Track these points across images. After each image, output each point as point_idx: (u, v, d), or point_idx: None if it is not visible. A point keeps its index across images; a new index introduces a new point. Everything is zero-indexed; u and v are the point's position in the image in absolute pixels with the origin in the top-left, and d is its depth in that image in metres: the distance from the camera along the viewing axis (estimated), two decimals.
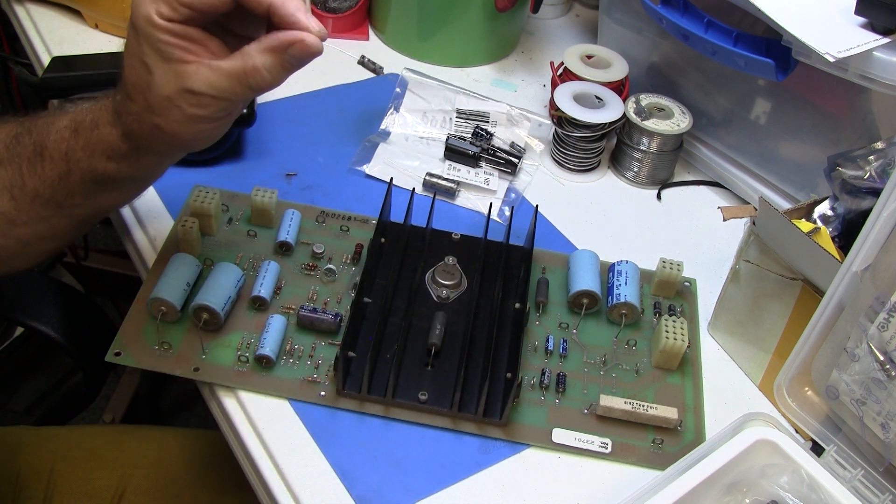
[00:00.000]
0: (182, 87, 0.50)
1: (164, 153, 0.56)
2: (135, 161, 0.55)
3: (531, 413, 0.60)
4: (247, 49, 0.50)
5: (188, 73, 0.50)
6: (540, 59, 0.97)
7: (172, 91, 0.50)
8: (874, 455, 0.53)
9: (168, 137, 0.52)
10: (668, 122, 0.78)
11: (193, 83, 0.50)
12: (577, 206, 0.79)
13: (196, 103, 0.50)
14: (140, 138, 0.53)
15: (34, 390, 1.09)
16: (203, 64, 0.50)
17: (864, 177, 0.60)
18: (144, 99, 0.51)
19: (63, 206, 0.56)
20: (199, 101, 0.50)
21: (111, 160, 0.54)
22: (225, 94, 0.50)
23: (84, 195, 0.56)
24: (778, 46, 0.66)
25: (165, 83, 0.50)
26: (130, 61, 0.51)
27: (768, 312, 0.62)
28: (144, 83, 0.50)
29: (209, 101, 0.50)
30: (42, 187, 0.55)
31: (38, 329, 0.83)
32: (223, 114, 0.52)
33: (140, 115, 0.51)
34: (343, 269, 0.67)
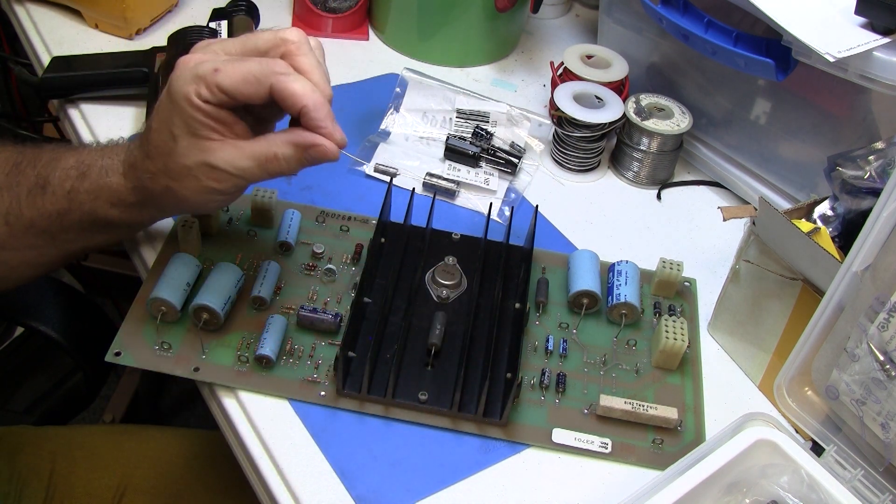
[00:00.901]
0: (203, 161, 0.52)
1: (169, 211, 0.59)
2: (138, 212, 0.57)
3: (531, 413, 0.60)
4: (272, 137, 0.53)
5: (212, 149, 0.52)
6: (540, 59, 0.97)
7: (193, 162, 0.52)
8: (874, 455, 0.53)
9: (178, 201, 0.55)
10: (668, 122, 0.78)
11: (216, 159, 0.52)
12: (577, 206, 0.79)
13: (214, 177, 0.53)
14: (150, 195, 0.55)
15: (34, 390, 1.09)
16: (227, 143, 0.52)
17: (864, 177, 0.60)
18: (164, 163, 0.53)
19: (56, 239, 0.58)
20: (217, 175, 0.53)
21: (115, 207, 0.57)
22: (243, 173, 0.53)
23: (79, 232, 0.58)
24: (778, 46, 0.66)
25: (188, 154, 0.52)
26: (159, 126, 0.53)
27: (768, 312, 0.62)
28: (168, 149, 0.53)
29: (226, 178, 0.53)
30: (39, 219, 0.57)
31: (38, 329, 0.83)
32: (235, 190, 0.55)
33: (156, 175, 0.54)
34: (343, 269, 0.67)
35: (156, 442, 0.84)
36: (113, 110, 0.79)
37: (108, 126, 0.78)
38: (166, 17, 0.92)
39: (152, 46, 0.81)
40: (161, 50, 0.79)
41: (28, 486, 0.78)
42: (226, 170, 0.52)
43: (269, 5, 0.95)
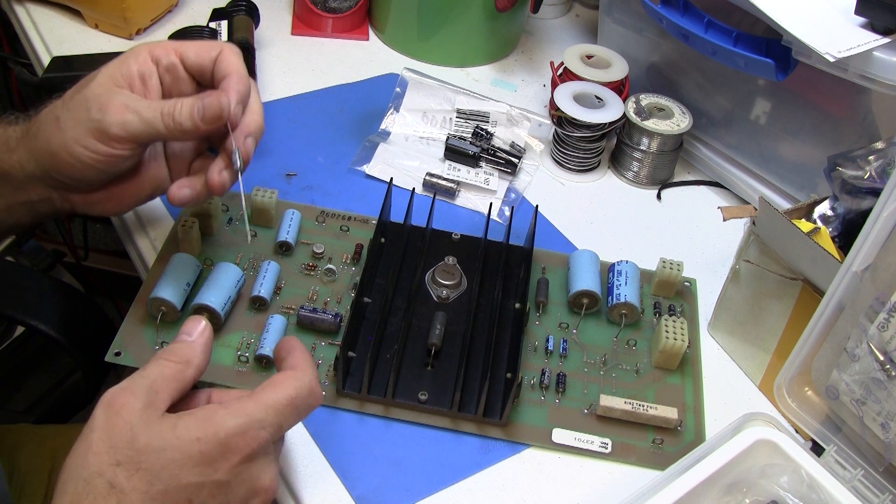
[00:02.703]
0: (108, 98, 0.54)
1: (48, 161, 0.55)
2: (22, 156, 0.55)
3: (531, 413, 0.60)
4: None
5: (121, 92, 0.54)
6: (540, 59, 0.97)
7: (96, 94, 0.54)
8: (874, 455, 0.53)
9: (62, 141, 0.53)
10: (668, 122, 0.78)
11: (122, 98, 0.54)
12: (577, 206, 0.79)
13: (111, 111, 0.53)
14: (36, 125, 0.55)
15: (34, 390, 1.08)
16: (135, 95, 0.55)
17: (864, 177, 0.60)
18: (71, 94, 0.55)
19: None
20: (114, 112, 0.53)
21: None
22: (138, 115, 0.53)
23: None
24: (778, 46, 0.66)
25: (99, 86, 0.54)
26: None
27: (768, 312, 0.62)
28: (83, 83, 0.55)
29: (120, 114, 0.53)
30: None
31: (38, 329, 0.83)
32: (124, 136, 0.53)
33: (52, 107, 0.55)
34: (343, 269, 0.67)
35: None
36: None
37: None
38: (166, 17, 0.92)
39: None
40: None
41: (28, 485, 0.78)
42: (129, 105, 0.53)
43: (269, 5, 0.95)
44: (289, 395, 0.46)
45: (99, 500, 0.41)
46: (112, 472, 0.42)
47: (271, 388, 0.46)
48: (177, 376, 0.46)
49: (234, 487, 0.44)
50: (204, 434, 0.43)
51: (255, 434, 0.44)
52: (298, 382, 0.47)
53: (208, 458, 0.43)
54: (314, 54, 0.92)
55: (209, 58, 0.56)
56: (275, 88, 0.86)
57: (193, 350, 0.47)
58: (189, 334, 0.48)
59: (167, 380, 0.46)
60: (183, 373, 0.46)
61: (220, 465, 0.43)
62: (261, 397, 0.46)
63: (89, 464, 0.42)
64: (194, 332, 0.48)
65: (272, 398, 0.46)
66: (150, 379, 0.45)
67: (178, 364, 0.46)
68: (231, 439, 0.44)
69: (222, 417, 0.44)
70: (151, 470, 0.42)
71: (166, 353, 0.47)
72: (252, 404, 0.45)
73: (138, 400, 0.44)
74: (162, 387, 0.45)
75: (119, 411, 0.43)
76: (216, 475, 0.43)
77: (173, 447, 0.43)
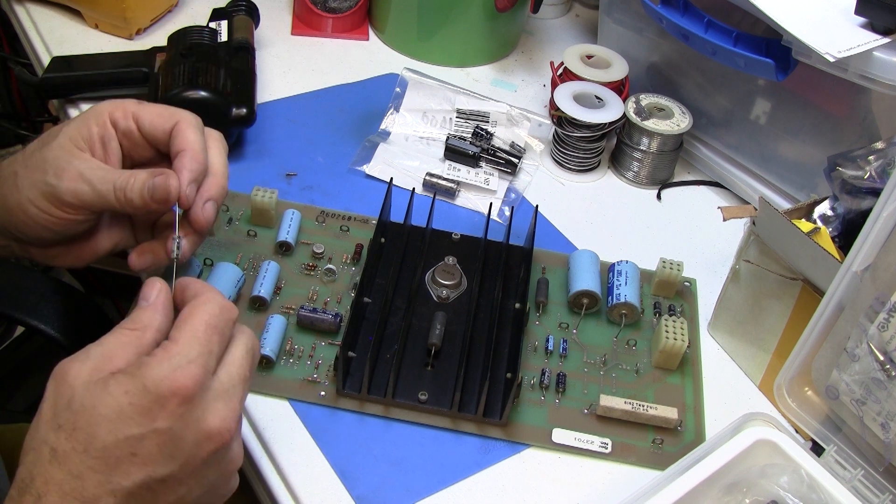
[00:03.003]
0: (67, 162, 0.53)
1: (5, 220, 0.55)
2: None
3: (531, 413, 0.60)
4: None
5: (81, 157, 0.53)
6: (540, 59, 0.97)
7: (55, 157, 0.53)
8: (874, 455, 0.53)
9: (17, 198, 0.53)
10: (668, 122, 0.78)
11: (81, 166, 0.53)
12: (577, 206, 0.79)
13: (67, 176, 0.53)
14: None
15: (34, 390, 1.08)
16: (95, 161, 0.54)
17: (864, 177, 0.60)
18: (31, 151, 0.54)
19: None
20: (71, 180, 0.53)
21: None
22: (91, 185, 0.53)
23: None
24: (778, 46, 0.66)
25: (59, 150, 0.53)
26: None
27: (768, 312, 0.62)
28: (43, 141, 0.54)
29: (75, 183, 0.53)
30: None
31: (38, 328, 0.83)
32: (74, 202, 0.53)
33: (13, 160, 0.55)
34: (343, 269, 0.67)
35: None
36: None
37: None
38: (166, 17, 0.92)
39: (152, 46, 0.81)
40: (161, 50, 0.79)
41: None
42: (84, 175, 0.52)
43: (269, 5, 0.95)
44: (203, 319, 0.45)
45: (44, 465, 0.42)
46: (54, 437, 0.42)
47: (183, 322, 0.45)
48: (134, 342, 0.45)
49: (180, 433, 0.43)
50: (132, 386, 0.42)
51: (185, 371, 0.43)
52: (205, 305, 0.46)
53: (141, 409, 0.42)
54: (314, 54, 0.92)
55: (163, 129, 0.55)
56: (275, 88, 0.86)
57: (150, 314, 0.46)
58: (146, 299, 0.47)
59: (123, 346, 0.44)
60: (141, 338, 0.45)
61: (157, 412, 0.42)
62: (178, 335, 0.44)
63: (37, 432, 0.43)
64: (150, 295, 0.47)
65: (188, 331, 0.45)
66: (103, 346, 0.44)
67: (135, 330, 0.45)
68: (160, 384, 0.42)
69: (147, 365, 0.43)
70: (86, 429, 0.41)
71: (124, 322, 0.46)
72: (172, 345, 0.44)
73: (85, 366, 0.43)
74: (116, 353, 0.44)
75: (65, 378, 0.43)
76: (156, 424, 0.42)
77: (104, 404, 0.42)
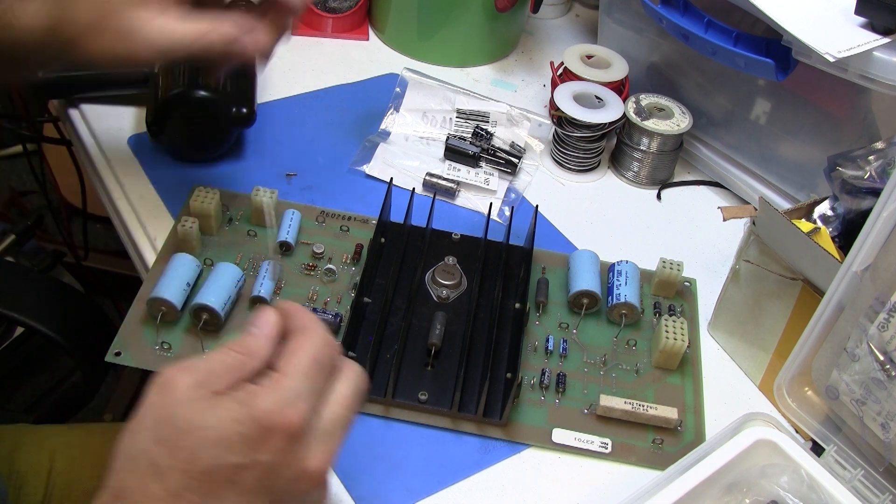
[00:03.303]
0: None
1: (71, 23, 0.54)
2: None
3: (531, 413, 0.60)
4: None
5: None
6: (540, 59, 0.97)
7: None
8: (874, 455, 0.53)
9: None
10: (668, 122, 0.78)
11: None
12: (577, 206, 0.79)
13: None
14: None
15: (34, 390, 1.09)
16: None
17: (864, 177, 0.60)
18: None
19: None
20: None
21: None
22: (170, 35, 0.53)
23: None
24: (778, 46, 0.66)
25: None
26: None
27: (768, 312, 0.62)
28: None
29: None
30: None
31: (38, 329, 0.83)
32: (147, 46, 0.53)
33: None
34: (343, 269, 0.67)
35: None
36: (113, 110, 0.79)
37: (108, 126, 0.78)
38: None
39: None
40: None
41: (27, 484, 0.78)
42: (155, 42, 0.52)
43: None
44: (309, 353, 0.45)
45: (142, 478, 0.41)
46: (155, 449, 0.41)
47: (292, 355, 0.45)
48: (238, 367, 0.45)
49: (279, 468, 0.43)
50: (241, 415, 0.42)
51: (293, 407, 0.43)
52: (311, 339, 0.46)
53: (247, 438, 0.42)
54: (314, 54, 0.92)
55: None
56: (275, 88, 0.86)
57: (258, 343, 0.46)
58: (258, 327, 0.47)
59: (227, 368, 0.44)
60: (245, 364, 0.45)
61: (261, 445, 0.42)
62: (287, 368, 0.44)
63: (136, 440, 0.42)
64: (263, 325, 0.47)
65: (297, 365, 0.44)
66: (208, 363, 0.44)
67: (241, 355, 0.45)
68: (268, 417, 0.42)
69: (258, 396, 0.43)
70: (191, 449, 0.41)
71: (233, 344, 0.46)
72: (282, 378, 0.44)
73: (191, 377, 0.43)
74: (220, 373, 0.44)
75: (169, 387, 0.42)
76: (258, 456, 0.42)
77: (212, 427, 0.41)
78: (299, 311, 0.48)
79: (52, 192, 1.50)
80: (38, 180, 1.38)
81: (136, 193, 0.72)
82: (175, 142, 0.73)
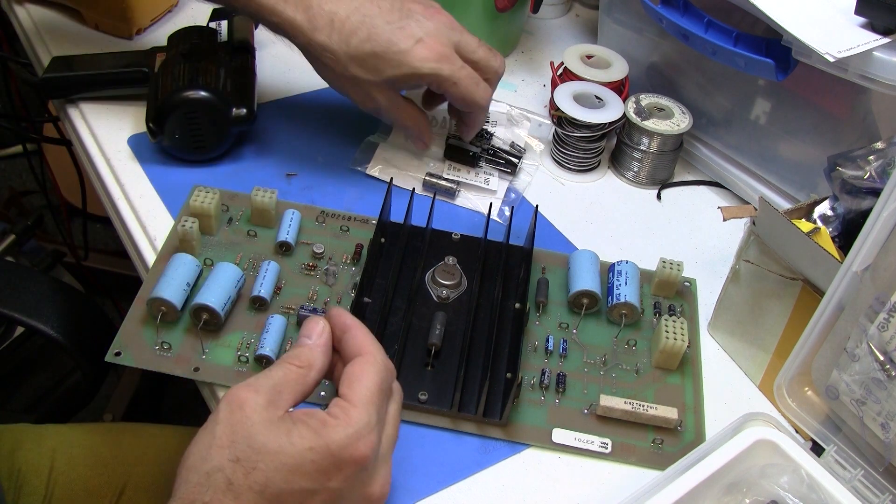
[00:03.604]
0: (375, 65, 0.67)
1: None
2: None
3: (531, 413, 0.60)
4: None
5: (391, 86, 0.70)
6: (540, 59, 0.97)
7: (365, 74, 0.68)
8: (874, 455, 0.53)
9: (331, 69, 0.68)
10: (668, 122, 0.78)
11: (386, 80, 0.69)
12: (577, 206, 0.79)
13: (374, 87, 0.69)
14: None
15: (34, 390, 1.09)
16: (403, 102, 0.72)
17: (864, 177, 0.60)
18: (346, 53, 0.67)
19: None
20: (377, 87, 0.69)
21: None
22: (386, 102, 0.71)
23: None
24: (778, 46, 0.66)
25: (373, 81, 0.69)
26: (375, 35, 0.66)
27: (768, 312, 0.62)
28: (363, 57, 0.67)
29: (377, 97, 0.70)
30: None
31: (38, 329, 0.83)
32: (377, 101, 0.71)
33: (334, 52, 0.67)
34: (343, 269, 0.67)
35: (155, 439, 0.84)
36: (113, 110, 0.79)
37: (108, 126, 0.78)
38: (166, 17, 0.92)
39: (152, 46, 0.81)
40: (161, 50, 0.79)
41: (27, 483, 0.78)
42: None
43: None
44: (375, 382, 0.47)
45: (218, 494, 0.42)
46: (231, 468, 0.43)
47: (358, 384, 0.46)
48: (300, 380, 0.47)
49: (347, 493, 0.45)
50: (316, 444, 0.44)
51: (366, 441, 0.45)
52: (374, 365, 0.47)
53: (322, 467, 0.44)
54: None
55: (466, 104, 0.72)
56: (275, 88, 0.86)
57: (314, 354, 0.48)
58: (309, 337, 0.49)
59: (290, 383, 0.46)
60: (305, 377, 0.47)
61: (334, 474, 0.44)
62: (354, 398, 0.46)
63: (211, 456, 0.43)
64: (313, 334, 0.49)
65: (364, 394, 0.46)
66: (274, 380, 0.46)
67: (302, 368, 0.47)
68: (344, 451, 0.44)
69: (333, 429, 0.44)
70: (265, 472, 0.43)
71: (290, 358, 0.48)
72: (351, 409, 0.45)
73: (261, 397, 0.44)
74: (285, 389, 0.46)
75: (242, 406, 0.44)
76: (330, 483, 0.44)
77: (288, 453, 0.43)
78: (354, 328, 0.49)
79: (52, 192, 1.50)
80: (38, 180, 1.38)
81: (136, 193, 0.72)
82: (175, 142, 0.73)
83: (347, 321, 0.50)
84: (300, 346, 0.49)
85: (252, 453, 0.43)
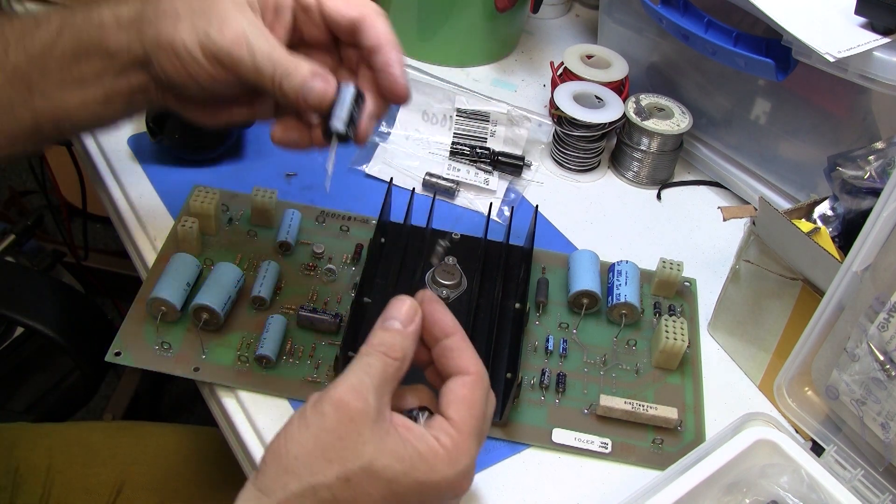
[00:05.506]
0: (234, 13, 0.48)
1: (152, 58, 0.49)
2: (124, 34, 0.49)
3: (531, 413, 0.60)
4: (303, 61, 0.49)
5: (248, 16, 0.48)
6: (540, 59, 0.97)
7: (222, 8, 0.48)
8: (874, 455, 0.53)
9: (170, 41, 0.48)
10: (668, 122, 0.78)
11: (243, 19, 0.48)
12: (577, 206, 0.79)
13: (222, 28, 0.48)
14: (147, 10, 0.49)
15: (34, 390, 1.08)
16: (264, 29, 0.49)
17: (864, 177, 0.60)
18: None
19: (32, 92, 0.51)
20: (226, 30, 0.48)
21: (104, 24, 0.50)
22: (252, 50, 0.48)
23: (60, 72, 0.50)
24: (778, 46, 0.66)
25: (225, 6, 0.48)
26: None
27: (768, 312, 0.62)
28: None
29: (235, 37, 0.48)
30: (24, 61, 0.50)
31: (38, 329, 0.83)
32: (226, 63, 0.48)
33: None
34: (343, 269, 0.67)
35: (154, 438, 0.84)
36: None
37: None
38: None
39: None
40: None
41: (25, 482, 0.78)
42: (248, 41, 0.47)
43: None
44: (482, 411, 0.46)
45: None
46: (340, 487, 0.42)
47: (467, 411, 0.45)
48: (396, 375, 0.45)
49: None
50: (428, 480, 0.43)
51: (471, 475, 0.46)
52: (484, 391, 0.47)
53: (424, 496, 0.44)
54: None
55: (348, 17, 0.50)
56: None
57: (407, 343, 0.46)
58: (400, 321, 0.46)
59: (389, 381, 0.45)
60: (400, 370, 0.45)
61: (433, 500, 0.45)
62: (465, 428, 0.45)
63: (320, 470, 0.42)
64: (405, 319, 0.46)
65: (474, 425, 0.45)
66: (376, 380, 0.44)
67: (397, 361, 0.45)
68: (450, 488, 0.44)
69: (444, 463, 0.44)
70: (372, 496, 0.42)
71: (387, 349, 0.45)
72: (463, 442, 0.45)
73: (370, 407, 0.43)
74: (385, 388, 0.44)
75: (353, 419, 0.43)
76: (426, 501, 0.44)
77: (402, 484, 0.43)
78: (467, 349, 0.47)
79: (52, 192, 1.50)
80: (38, 180, 1.38)
81: (136, 193, 0.72)
82: (175, 142, 0.73)
83: (448, 324, 0.47)
84: (389, 330, 0.46)
85: (364, 478, 0.42)
